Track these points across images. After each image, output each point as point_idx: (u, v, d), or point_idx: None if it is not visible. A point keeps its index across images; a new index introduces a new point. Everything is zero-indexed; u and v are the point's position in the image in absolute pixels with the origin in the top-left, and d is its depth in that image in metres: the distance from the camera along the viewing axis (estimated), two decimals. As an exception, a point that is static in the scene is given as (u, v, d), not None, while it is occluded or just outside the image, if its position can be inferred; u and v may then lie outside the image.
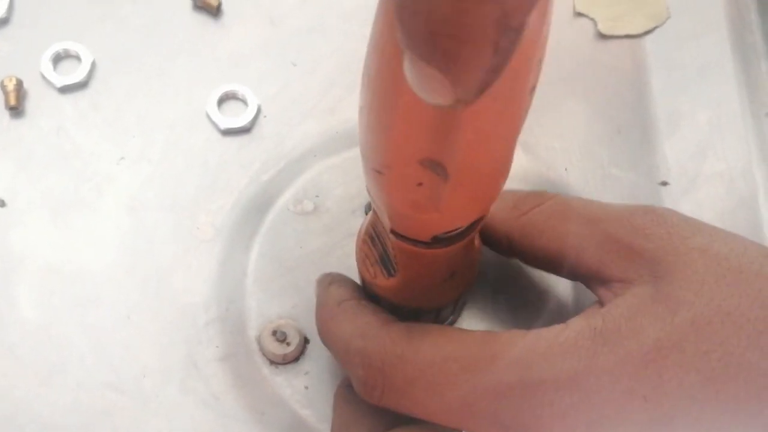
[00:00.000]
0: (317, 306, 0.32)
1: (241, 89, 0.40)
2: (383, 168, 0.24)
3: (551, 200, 0.30)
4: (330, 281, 0.32)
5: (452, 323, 0.36)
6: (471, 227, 0.27)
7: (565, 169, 0.39)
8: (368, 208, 0.37)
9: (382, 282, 0.30)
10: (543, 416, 0.26)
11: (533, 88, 0.23)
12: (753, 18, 0.43)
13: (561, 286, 0.37)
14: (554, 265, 0.30)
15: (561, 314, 0.36)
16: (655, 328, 0.25)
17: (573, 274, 0.29)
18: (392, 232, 0.27)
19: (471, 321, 0.36)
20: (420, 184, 0.23)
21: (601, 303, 0.27)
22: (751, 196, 0.39)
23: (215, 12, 0.41)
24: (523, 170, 0.39)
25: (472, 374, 0.26)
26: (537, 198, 0.30)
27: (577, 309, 0.36)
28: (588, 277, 0.28)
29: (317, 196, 0.38)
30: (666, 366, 0.25)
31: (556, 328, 0.26)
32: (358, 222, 0.33)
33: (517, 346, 0.26)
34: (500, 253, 0.32)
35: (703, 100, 0.41)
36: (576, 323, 0.26)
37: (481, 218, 0.27)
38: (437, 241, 0.26)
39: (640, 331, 0.25)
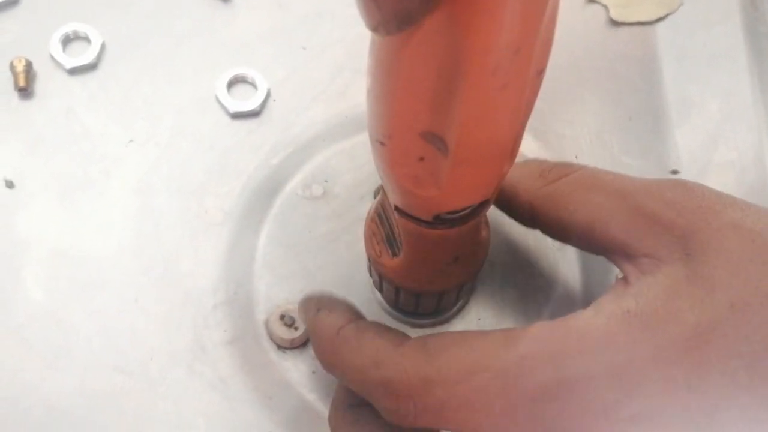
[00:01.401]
0: (311, 336, 0.30)
1: (250, 73, 0.40)
2: (385, 138, 0.23)
3: (578, 171, 0.29)
4: (317, 307, 0.30)
5: (461, 308, 0.36)
6: (474, 212, 0.27)
7: (576, 157, 0.39)
8: (377, 193, 0.37)
9: (387, 261, 0.30)
10: (585, 416, 0.24)
11: (540, 72, 0.22)
12: (766, 7, 0.42)
13: (570, 273, 0.37)
14: (578, 238, 0.29)
15: (570, 299, 0.36)
16: (694, 312, 0.24)
17: (597, 248, 0.28)
18: (396, 209, 0.27)
19: (479, 307, 0.36)
20: (421, 159, 0.23)
21: (626, 279, 0.26)
22: (761, 185, 0.39)
23: (225, -5, 0.41)
24: (533, 156, 0.38)
25: (504, 382, 0.25)
26: (564, 168, 0.30)
27: (586, 294, 0.36)
28: (613, 252, 0.27)
29: (326, 181, 0.38)
30: (708, 352, 0.24)
31: (585, 315, 0.25)
32: (367, 207, 0.32)
33: (546, 342, 0.25)
34: (522, 222, 0.31)
35: (715, 89, 0.41)
36: (606, 307, 0.25)
37: (483, 203, 0.27)
38: (440, 221, 0.26)
39: (678, 315, 0.24)
